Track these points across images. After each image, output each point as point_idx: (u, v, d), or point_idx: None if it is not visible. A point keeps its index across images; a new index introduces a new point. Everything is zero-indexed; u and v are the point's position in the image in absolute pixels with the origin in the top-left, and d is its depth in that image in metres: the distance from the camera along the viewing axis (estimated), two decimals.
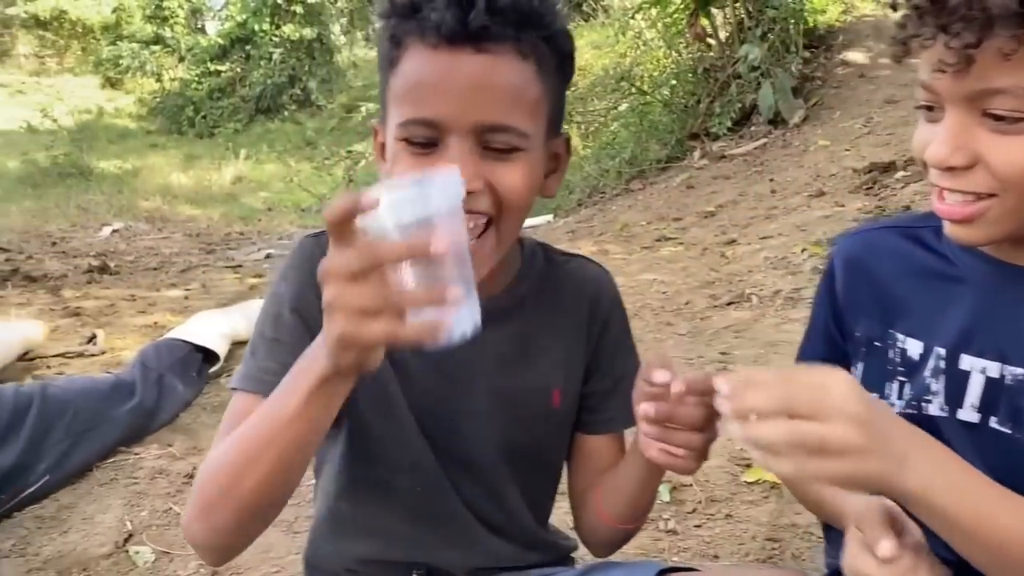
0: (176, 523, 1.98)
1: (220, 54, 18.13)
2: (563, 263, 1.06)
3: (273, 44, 17.56)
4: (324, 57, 18.19)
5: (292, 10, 17.42)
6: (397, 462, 1.01)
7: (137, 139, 15.89)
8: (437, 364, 0.98)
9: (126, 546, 1.90)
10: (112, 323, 3.74)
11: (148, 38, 19.35)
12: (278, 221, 7.72)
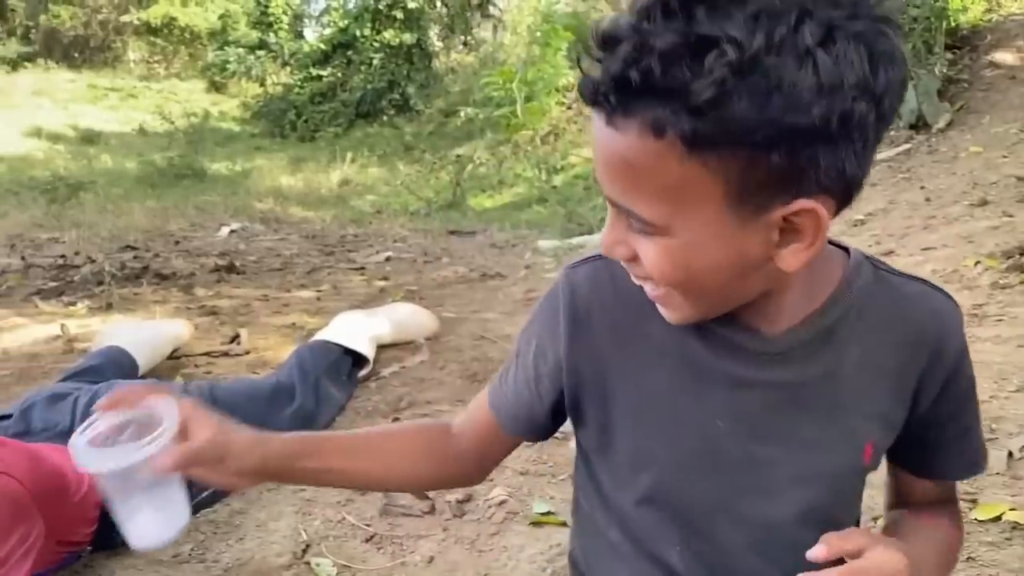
0: (352, 535, 1.91)
1: (322, 59, 18.49)
2: (899, 285, 0.86)
3: (373, 49, 17.83)
4: (423, 62, 18.35)
5: (393, 15, 17.64)
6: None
7: (242, 142, 16.33)
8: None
9: (304, 556, 1.83)
10: (250, 323, 3.75)
11: (253, 43, 19.90)
12: (389, 224, 7.74)
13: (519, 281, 4.31)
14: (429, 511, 1.97)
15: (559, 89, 10.71)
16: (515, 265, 4.89)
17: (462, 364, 3.04)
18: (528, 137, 10.58)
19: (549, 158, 9.14)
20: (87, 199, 8.08)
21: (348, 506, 2.04)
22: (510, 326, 3.41)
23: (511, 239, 6.60)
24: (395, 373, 2.98)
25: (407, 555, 1.81)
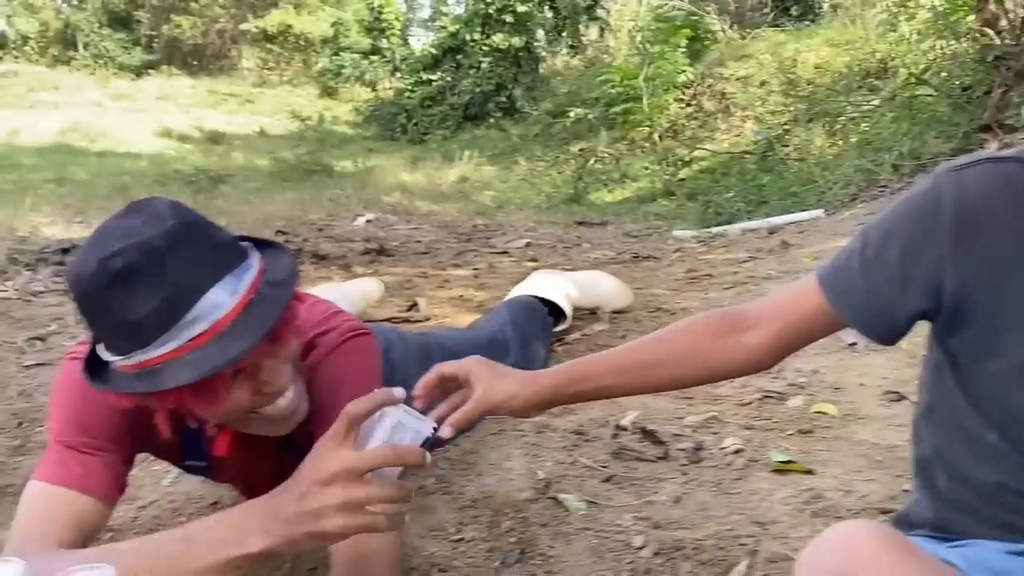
0: (589, 475, 1.94)
1: (432, 64, 18.83)
2: None
3: (482, 53, 18.05)
4: (529, 65, 18.49)
5: (502, 19, 17.84)
6: None
7: (356, 144, 16.78)
8: None
9: (547, 492, 1.87)
10: (418, 296, 3.85)
11: (365, 49, 20.46)
12: (514, 216, 7.81)
13: (675, 262, 4.29)
14: (663, 456, 1.99)
15: (677, 86, 10.63)
16: (662, 249, 4.87)
17: (643, 334, 3.04)
18: (645, 134, 10.53)
19: (670, 153, 9.07)
20: (227, 191, 8.45)
21: (577, 450, 2.07)
22: (683, 300, 3.40)
23: (642, 229, 6.58)
24: (578, 340, 3.01)
25: (651, 495, 1.83)
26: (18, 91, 20.93)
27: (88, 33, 29.93)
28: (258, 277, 1.09)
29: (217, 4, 30.61)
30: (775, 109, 8.79)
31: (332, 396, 1.32)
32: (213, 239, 1.11)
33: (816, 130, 7.76)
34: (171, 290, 1.03)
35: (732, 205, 6.45)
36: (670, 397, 2.41)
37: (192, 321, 1.04)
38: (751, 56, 10.47)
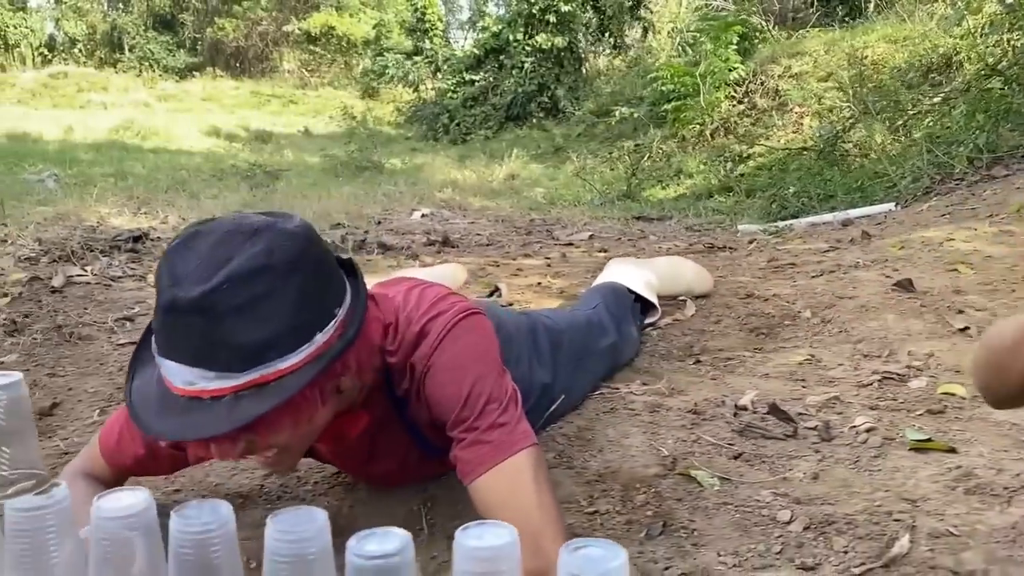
0: (716, 453, 1.88)
1: (475, 64, 18.88)
2: None
3: (525, 53, 18.05)
4: (572, 65, 18.45)
5: (546, 20, 17.82)
6: None
7: (399, 144, 16.85)
8: None
9: (675, 469, 1.82)
10: (496, 282, 3.81)
11: (408, 50, 20.55)
12: (568, 212, 7.77)
13: (753, 252, 4.22)
14: (791, 434, 1.93)
15: (728, 83, 10.52)
16: (735, 240, 4.80)
17: (738, 319, 2.98)
18: (697, 131, 10.44)
19: (726, 149, 8.97)
20: (282, 186, 8.50)
21: (697, 428, 2.02)
22: (772, 287, 3.33)
23: (704, 223, 6.50)
24: (670, 324, 2.96)
25: (785, 472, 1.77)
26: (68, 91, 21.34)
27: (134, 36, 30.46)
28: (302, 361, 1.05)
29: (259, 7, 30.98)
30: (833, 105, 8.65)
31: (452, 379, 1.29)
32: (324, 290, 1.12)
33: (877, 126, 7.63)
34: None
35: (797, 200, 6.35)
36: (783, 379, 2.35)
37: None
38: (805, 53, 10.34)
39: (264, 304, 1.01)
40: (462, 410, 1.25)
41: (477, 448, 1.26)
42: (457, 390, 1.28)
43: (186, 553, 0.91)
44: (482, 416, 1.25)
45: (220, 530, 0.92)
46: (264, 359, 1.02)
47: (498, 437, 1.24)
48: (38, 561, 0.97)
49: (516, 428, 1.29)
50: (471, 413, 1.25)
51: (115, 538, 0.94)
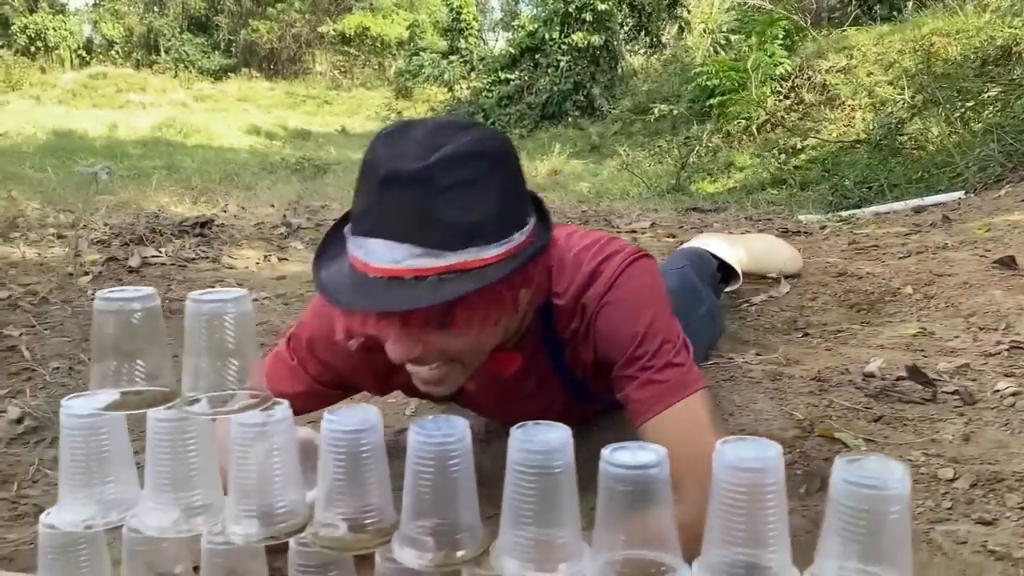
0: (853, 416, 1.84)
1: (510, 63, 18.87)
2: None
3: (561, 52, 18.01)
4: (608, 64, 18.38)
5: (582, 18, 17.78)
6: None
7: None
8: None
9: (812, 431, 1.78)
10: None
11: (443, 50, 20.60)
12: (619, 204, 7.72)
13: (830, 236, 4.16)
14: (931, 399, 1.88)
15: (774, 78, 10.42)
16: (806, 226, 4.73)
17: (835, 296, 2.93)
18: (743, 126, 10.35)
19: (779, 142, 8.88)
20: (331, 180, 8.53)
21: (826, 394, 1.97)
22: (863, 266, 3.28)
23: (761, 214, 6.42)
24: (766, 301, 2.91)
25: (932, 434, 1.72)
26: (108, 91, 21.61)
27: (170, 38, 30.83)
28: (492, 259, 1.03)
29: (293, 9, 31.23)
30: (887, 97, 8.54)
31: (628, 317, 1.26)
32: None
33: (934, 117, 7.52)
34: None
35: (858, 190, 6.26)
36: (899, 349, 2.30)
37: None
38: (853, 48, 10.22)
39: (475, 189, 1.02)
40: (637, 348, 1.22)
41: (652, 387, 1.22)
42: (633, 328, 1.24)
43: (425, 464, 0.89)
44: (658, 355, 1.22)
45: (458, 443, 0.91)
46: (472, 243, 1.01)
47: (673, 377, 1.21)
48: (262, 475, 0.96)
49: (691, 370, 1.26)
50: (647, 351, 1.22)
51: (349, 450, 0.92)
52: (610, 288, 1.28)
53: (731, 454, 0.83)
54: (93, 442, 0.99)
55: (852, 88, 9.27)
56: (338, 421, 0.93)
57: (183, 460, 0.99)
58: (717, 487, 0.83)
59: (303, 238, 4.97)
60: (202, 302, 0.95)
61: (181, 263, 4.06)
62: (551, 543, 0.88)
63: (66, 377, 2.21)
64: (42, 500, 1.51)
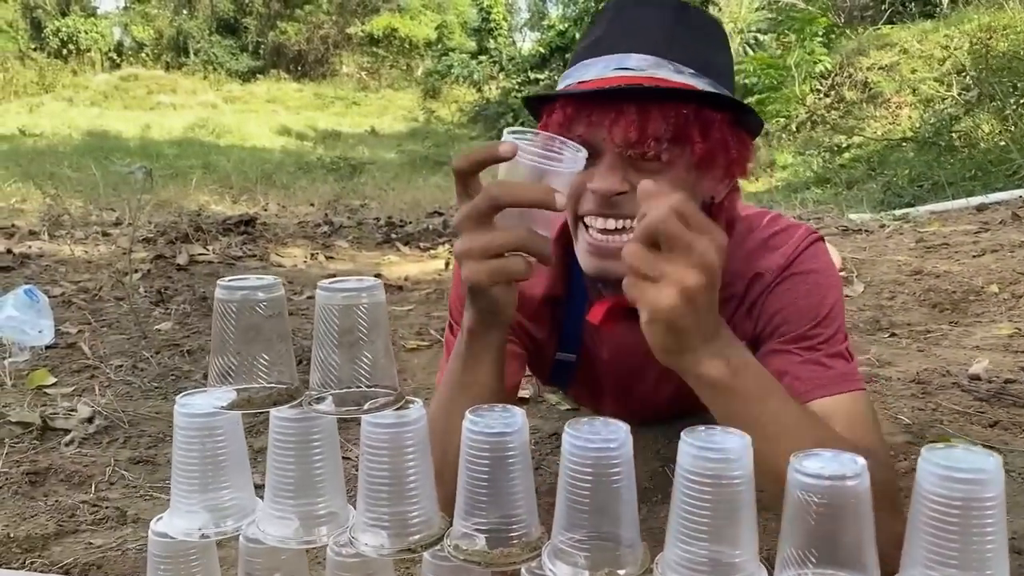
0: (971, 421, 1.73)
1: (540, 63, 18.78)
2: None
3: None
4: None
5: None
6: None
7: (463, 143, 16.81)
8: None
9: (924, 436, 1.67)
10: None
11: (472, 50, 20.55)
12: None
13: (892, 234, 4.04)
14: None
15: (814, 76, 10.25)
16: (864, 225, 4.60)
17: (914, 295, 2.81)
18: (782, 124, 10.19)
19: (824, 140, 8.73)
20: (366, 179, 8.50)
21: (931, 397, 1.86)
22: (938, 264, 3.16)
23: (809, 213, 6.28)
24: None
25: None
26: (139, 93, 21.78)
27: (199, 40, 31.04)
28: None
29: (321, 11, 31.34)
30: (933, 94, 8.36)
31: (813, 292, 1.16)
32: None
33: (982, 115, 7.34)
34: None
35: (912, 188, 6.11)
36: (998, 351, 2.18)
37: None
38: (895, 45, 10.03)
39: (715, 41, 1.04)
40: (815, 326, 1.12)
41: (818, 368, 1.12)
42: (817, 304, 1.13)
43: (583, 472, 0.81)
44: (832, 340, 1.12)
45: (620, 450, 0.82)
46: (709, 74, 0.99)
47: (843, 367, 1.11)
48: (394, 480, 0.87)
49: (857, 370, 1.16)
50: (824, 332, 1.12)
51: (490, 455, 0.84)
52: (792, 261, 1.17)
53: (941, 460, 0.73)
54: (209, 444, 0.91)
55: (896, 85, 9.09)
56: (481, 422, 0.84)
57: (307, 464, 0.91)
58: (920, 501, 0.73)
59: (346, 236, 4.92)
60: (334, 291, 0.87)
61: (229, 261, 4.01)
62: (726, 562, 0.78)
63: (130, 375, 2.15)
64: (123, 503, 1.44)
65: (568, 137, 0.98)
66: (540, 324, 1.30)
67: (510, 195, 0.82)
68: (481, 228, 0.84)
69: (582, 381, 1.47)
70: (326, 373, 0.89)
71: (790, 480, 0.75)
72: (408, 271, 3.80)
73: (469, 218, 0.84)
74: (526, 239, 0.84)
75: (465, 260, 0.86)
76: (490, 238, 0.84)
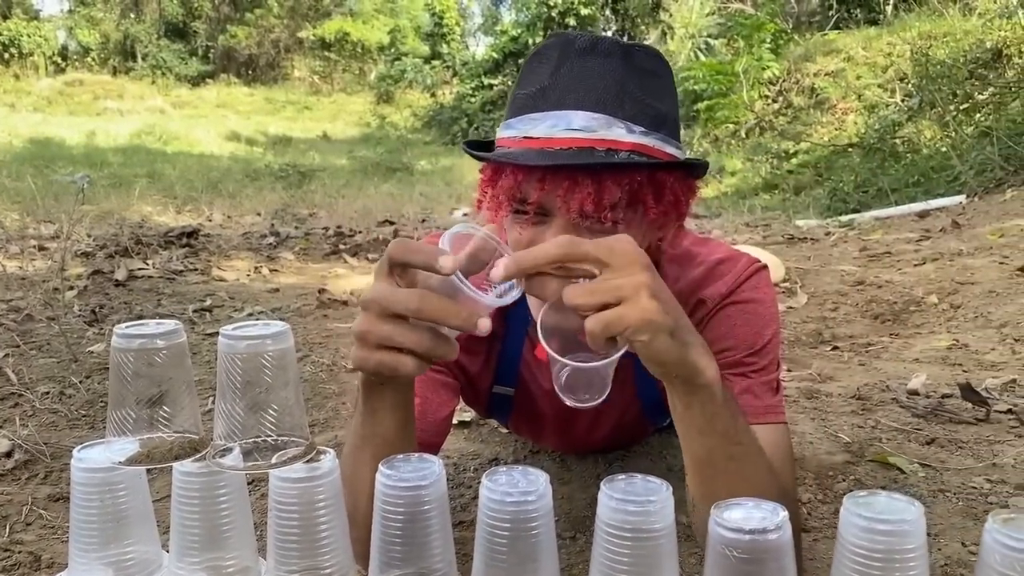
0: (905, 439, 1.73)
1: (493, 68, 18.78)
2: None
3: None
4: None
5: (566, 23, 17.74)
6: None
7: (418, 148, 16.72)
8: None
9: (864, 455, 1.67)
10: None
11: (425, 55, 20.45)
12: None
13: (837, 243, 4.08)
14: (984, 419, 1.78)
15: (762, 82, 10.39)
16: (810, 232, 4.66)
17: (857, 306, 2.84)
18: (731, 130, 10.30)
19: (771, 146, 8.83)
20: (316, 186, 8.39)
21: (870, 414, 1.87)
22: (882, 273, 3.19)
23: (758, 220, 6.35)
24: (785, 312, 2.82)
25: (992, 457, 1.62)
26: (84, 98, 21.29)
27: (147, 44, 30.46)
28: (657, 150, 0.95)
29: (272, 14, 30.98)
30: (877, 100, 8.51)
31: (751, 321, 1.15)
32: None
33: (924, 122, 7.49)
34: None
35: (857, 194, 6.20)
36: (936, 364, 2.20)
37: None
38: (841, 51, 10.20)
39: (662, 83, 0.99)
40: (750, 355, 1.11)
41: (749, 396, 1.11)
42: (756, 333, 1.13)
43: (500, 525, 0.78)
44: (765, 371, 1.11)
45: (539, 501, 0.79)
46: (661, 129, 0.96)
47: (771, 399, 1.11)
48: (305, 536, 0.84)
49: (782, 404, 1.16)
50: (759, 361, 1.11)
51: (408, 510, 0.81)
52: (735, 290, 1.16)
53: (863, 510, 0.71)
54: (109, 500, 0.87)
55: (842, 91, 9.24)
56: (394, 475, 0.81)
57: (214, 517, 0.86)
58: (843, 551, 0.71)
59: (293, 247, 4.83)
60: (237, 339, 0.82)
61: (169, 275, 3.91)
62: None
63: (56, 403, 2.06)
64: (38, 546, 1.37)
65: (519, 200, 0.96)
66: (473, 357, 1.26)
67: (432, 311, 0.78)
68: (386, 320, 0.79)
69: (521, 415, 1.44)
70: (231, 424, 0.84)
71: (711, 532, 0.73)
72: (355, 284, 3.74)
73: (378, 303, 0.79)
74: (428, 348, 0.79)
75: (358, 343, 0.81)
76: (390, 333, 0.79)
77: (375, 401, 0.91)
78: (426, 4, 21.14)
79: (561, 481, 1.55)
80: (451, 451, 1.74)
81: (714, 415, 0.86)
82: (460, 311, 0.78)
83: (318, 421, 1.97)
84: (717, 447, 0.87)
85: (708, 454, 0.89)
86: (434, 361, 0.82)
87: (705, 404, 0.85)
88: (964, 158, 5.90)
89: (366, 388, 0.90)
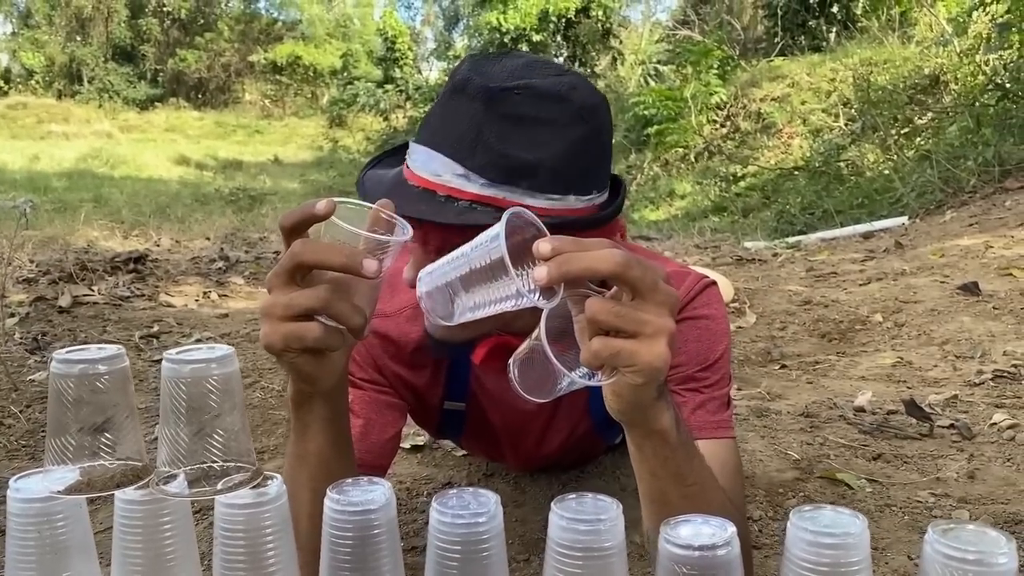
0: (851, 455, 1.77)
1: None
2: None
3: None
4: None
5: (518, 48, 17.91)
6: None
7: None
8: None
9: (813, 471, 1.70)
10: None
11: (378, 79, 20.46)
12: None
13: (785, 263, 4.16)
14: (928, 434, 1.82)
15: (710, 107, 10.59)
16: (758, 254, 4.74)
17: (804, 326, 2.89)
18: (680, 154, 10.47)
19: (719, 169, 9.00)
20: (267, 210, 8.31)
21: (819, 431, 1.90)
22: (828, 293, 3.26)
23: (707, 242, 6.44)
24: (735, 332, 2.85)
25: (936, 472, 1.66)
26: (28, 122, 20.85)
27: (93, 67, 29.99)
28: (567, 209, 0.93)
29: (222, 38, 30.76)
30: (822, 125, 8.74)
31: (704, 337, 1.15)
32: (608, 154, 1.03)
33: (867, 145, 7.70)
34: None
35: (803, 216, 6.34)
36: (882, 381, 2.25)
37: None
38: (786, 77, 10.46)
39: (543, 130, 0.92)
40: (703, 370, 1.11)
41: (700, 412, 1.11)
42: (707, 349, 1.12)
43: (450, 550, 0.77)
44: (717, 386, 1.11)
45: (490, 523, 0.78)
46: (517, 182, 0.92)
47: (721, 415, 1.12)
48: (252, 564, 0.82)
49: (732, 419, 1.17)
50: (710, 376, 1.11)
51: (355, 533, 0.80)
52: (686, 305, 1.16)
53: (809, 524, 0.72)
54: (48, 531, 0.84)
55: (788, 116, 9.46)
56: (342, 500, 0.80)
57: (157, 548, 0.84)
58: (789, 565, 0.72)
59: (242, 272, 4.77)
60: (180, 363, 0.80)
61: (115, 302, 3.82)
62: None
63: None
64: None
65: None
66: (418, 371, 1.24)
67: (313, 254, 0.74)
68: (287, 288, 0.76)
69: (474, 432, 1.42)
70: (175, 450, 0.82)
71: (660, 548, 0.73)
72: None
73: (276, 275, 0.76)
74: (329, 301, 0.75)
75: (264, 319, 0.78)
76: (289, 298, 0.75)
77: (304, 415, 0.89)
78: (378, 29, 21.17)
79: (515, 504, 1.55)
80: (404, 476, 1.73)
81: (667, 459, 0.84)
82: (342, 249, 0.74)
83: (268, 447, 1.94)
84: (671, 488, 0.86)
85: (662, 494, 0.88)
86: (343, 330, 0.79)
87: (658, 448, 0.83)
88: (906, 180, 6.07)
89: (295, 403, 0.88)
